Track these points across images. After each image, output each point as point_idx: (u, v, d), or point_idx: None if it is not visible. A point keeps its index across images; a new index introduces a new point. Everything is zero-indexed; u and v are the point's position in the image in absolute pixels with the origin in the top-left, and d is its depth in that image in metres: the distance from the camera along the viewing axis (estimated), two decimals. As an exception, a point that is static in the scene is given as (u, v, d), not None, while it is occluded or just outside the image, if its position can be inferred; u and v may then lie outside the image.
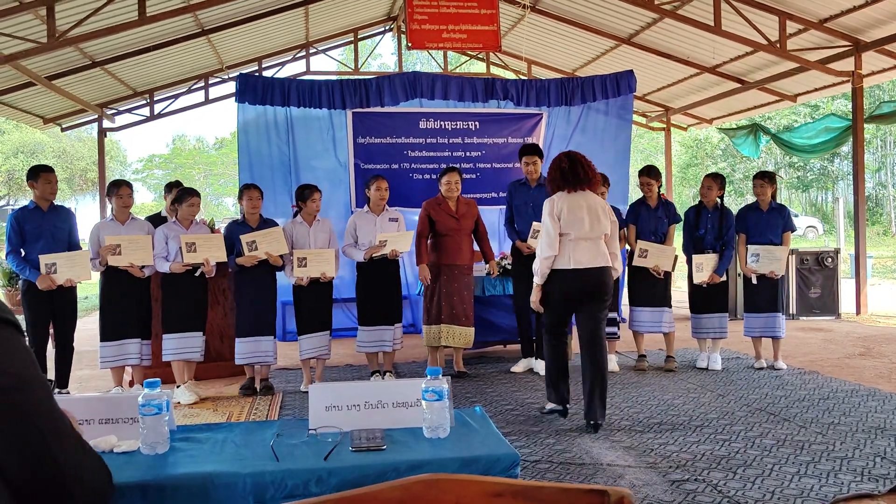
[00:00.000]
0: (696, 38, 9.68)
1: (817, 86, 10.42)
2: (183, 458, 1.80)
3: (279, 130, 8.30)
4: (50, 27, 7.51)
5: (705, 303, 6.22)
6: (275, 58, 12.15)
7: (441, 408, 1.92)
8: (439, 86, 8.23)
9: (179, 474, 1.68)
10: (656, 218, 6.23)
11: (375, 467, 1.72)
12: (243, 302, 5.59)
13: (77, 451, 1.02)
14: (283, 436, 1.94)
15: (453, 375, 6.06)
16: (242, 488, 1.65)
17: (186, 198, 5.56)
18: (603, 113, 8.91)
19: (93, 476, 1.05)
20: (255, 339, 5.54)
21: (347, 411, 2.01)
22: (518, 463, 1.79)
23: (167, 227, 5.53)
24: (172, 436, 1.92)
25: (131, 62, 10.16)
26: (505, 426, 4.58)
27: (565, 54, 11.92)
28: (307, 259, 5.56)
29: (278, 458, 1.77)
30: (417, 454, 1.81)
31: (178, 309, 5.43)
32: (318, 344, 5.69)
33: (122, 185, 5.52)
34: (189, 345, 5.45)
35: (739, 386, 5.55)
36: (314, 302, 5.67)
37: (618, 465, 3.81)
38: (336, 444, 1.84)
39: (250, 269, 5.51)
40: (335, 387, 2.06)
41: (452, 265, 5.95)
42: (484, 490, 0.94)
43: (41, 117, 11.36)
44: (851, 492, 3.32)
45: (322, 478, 1.68)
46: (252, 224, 5.64)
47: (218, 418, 5.10)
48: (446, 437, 1.93)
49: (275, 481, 1.66)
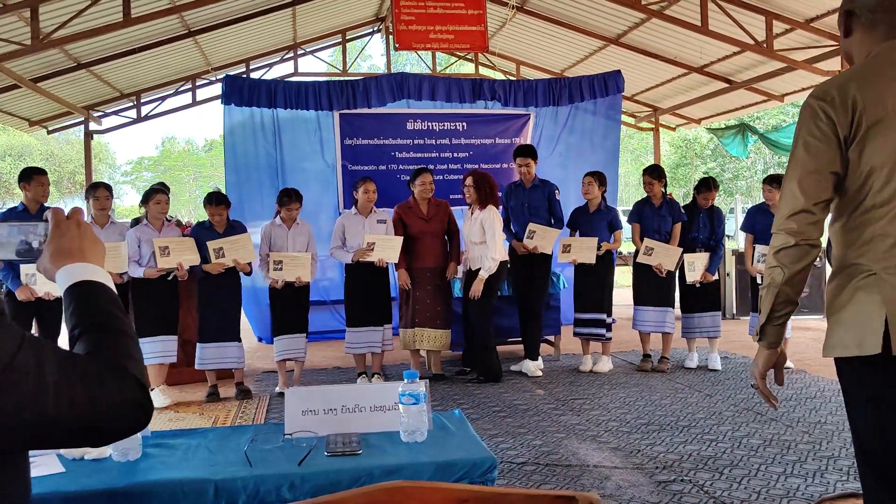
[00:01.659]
0: (683, 38, 9.68)
1: (804, 85, 10.43)
2: (154, 465, 1.76)
3: (266, 132, 8.26)
4: (34, 29, 7.44)
5: (698, 302, 6.22)
6: (262, 59, 12.07)
7: (418, 411, 1.89)
8: (426, 87, 8.21)
9: (149, 481, 1.65)
10: (660, 216, 6.22)
11: (349, 472, 1.69)
12: (208, 307, 5.52)
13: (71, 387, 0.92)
14: (257, 441, 1.91)
15: (430, 378, 6.03)
16: (213, 495, 1.62)
17: (152, 196, 5.48)
18: (591, 113, 8.92)
19: (107, 402, 0.95)
20: (220, 344, 5.51)
21: (324, 415, 1.98)
22: (495, 467, 1.76)
23: (139, 230, 5.44)
24: (146, 442, 1.89)
25: (117, 64, 10.08)
26: (492, 428, 4.56)
27: (554, 55, 11.91)
28: (283, 263, 5.53)
29: (251, 463, 1.74)
30: (393, 459, 1.78)
31: (150, 313, 5.37)
32: (294, 346, 5.66)
33: (99, 188, 5.44)
34: (163, 348, 5.40)
35: (727, 386, 5.55)
36: (289, 304, 5.63)
37: (604, 466, 3.80)
38: (311, 448, 1.82)
39: (216, 275, 5.45)
40: (312, 391, 2.03)
41: (423, 268, 5.90)
42: (449, 497, 0.92)
43: (27, 120, 11.26)
44: (837, 491, 3.32)
45: (295, 483, 1.65)
46: (219, 229, 5.57)
47: (204, 422, 5.06)
48: (423, 441, 1.90)
49: (246, 487, 1.63)
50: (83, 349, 1.00)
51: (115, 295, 1.10)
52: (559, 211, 6.24)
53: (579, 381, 5.90)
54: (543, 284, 6.23)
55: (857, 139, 1.71)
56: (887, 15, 1.77)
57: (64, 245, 1.11)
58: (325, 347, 7.86)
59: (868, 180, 1.72)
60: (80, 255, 1.11)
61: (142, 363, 1.03)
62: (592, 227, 6.24)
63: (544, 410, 4.98)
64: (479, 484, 1.70)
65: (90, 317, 1.04)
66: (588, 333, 6.23)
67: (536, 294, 6.18)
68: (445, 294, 5.99)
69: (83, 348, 1.00)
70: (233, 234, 5.53)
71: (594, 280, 6.18)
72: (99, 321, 1.04)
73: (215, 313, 5.50)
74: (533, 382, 5.89)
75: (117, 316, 1.06)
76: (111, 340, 1.02)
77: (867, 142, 1.69)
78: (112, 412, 0.94)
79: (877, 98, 1.70)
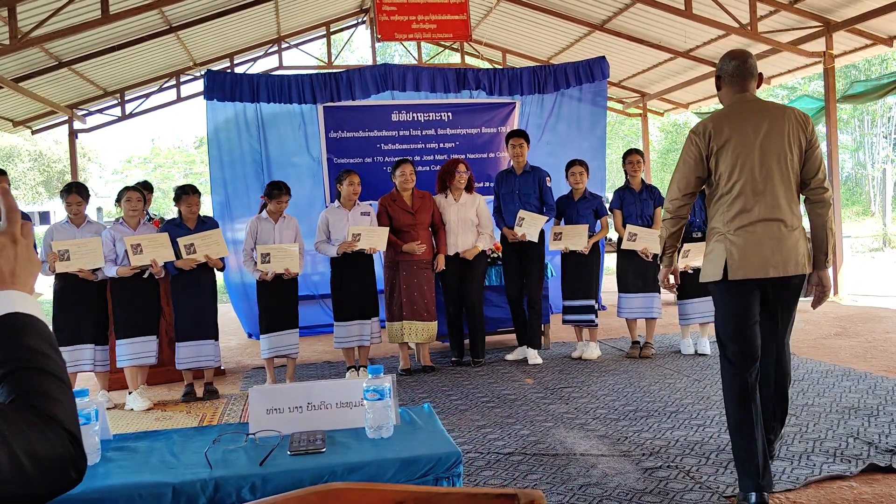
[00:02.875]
0: (668, 22, 9.63)
1: (790, 67, 10.42)
2: (113, 470, 1.72)
3: (250, 127, 8.20)
4: (12, 28, 7.36)
5: (694, 287, 6.18)
6: (246, 53, 11.97)
7: (383, 407, 1.85)
8: (410, 77, 8.15)
9: (105, 486, 1.60)
10: (641, 201, 6.20)
11: (311, 471, 1.65)
12: (182, 306, 5.47)
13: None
14: (220, 441, 1.87)
15: (420, 371, 6.02)
16: (172, 498, 1.58)
17: (124, 194, 5.42)
18: (577, 100, 8.88)
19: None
20: (196, 343, 5.45)
21: (289, 413, 1.94)
22: (460, 461, 1.73)
23: (114, 229, 5.36)
24: (107, 445, 1.85)
25: (99, 61, 9.99)
26: (480, 419, 4.54)
27: (539, 42, 11.85)
28: (270, 254, 5.47)
29: (211, 465, 1.70)
30: (357, 456, 1.75)
31: (129, 314, 5.30)
32: (284, 342, 5.60)
33: (71, 192, 5.32)
34: (142, 350, 5.33)
35: (715, 370, 5.51)
36: (276, 300, 5.57)
37: (591, 454, 3.78)
38: (273, 448, 1.78)
39: (188, 271, 5.39)
40: (276, 389, 1.99)
41: (410, 261, 5.89)
42: (384, 497, 0.88)
43: (10, 120, 11.16)
44: (823, 473, 3.30)
45: (256, 484, 1.62)
46: (190, 225, 5.52)
47: (192, 421, 5.04)
48: (389, 437, 1.86)
49: (206, 490, 1.60)
50: (5, 394, 0.89)
51: (46, 329, 0.99)
52: (550, 198, 6.22)
53: (568, 369, 5.89)
54: (539, 272, 6.22)
55: (712, 155, 3.08)
56: (737, 79, 3.15)
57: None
58: (315, 342, 7.83)
59: (720, 180, 3.08)
60: (10, 280, 0.99)
61: (73, 410, 0.91)
62: (578, 214, 6.22)
63: (533, 400, 4.96)
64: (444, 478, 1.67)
65: (17, 356, 0.92)
66: (578, 321, 6.22)
67: (534, 283, 6.17)
68: (431, 286, 5.97)
69: (5, 393, 0.89)
70: (204, 229, 5.48)
71: (582, 267, 6.16)
72: (24, 361, 0.92)
73: (189, 311, 5.44)
74: (522, 372, 5.87)
75: (46, 354, 0.94)
76: (38, 384, 0.90)
77: (718, 157, 3.06)
78: (37, 471, 0.82)
79: (724, 131, 3.06)
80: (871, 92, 9.71)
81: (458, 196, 6.10)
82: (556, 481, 3.39)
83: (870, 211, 27.05)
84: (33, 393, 0.89)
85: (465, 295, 6.11)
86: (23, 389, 0.89)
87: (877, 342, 6.28)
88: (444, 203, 6.12)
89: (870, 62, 24.99)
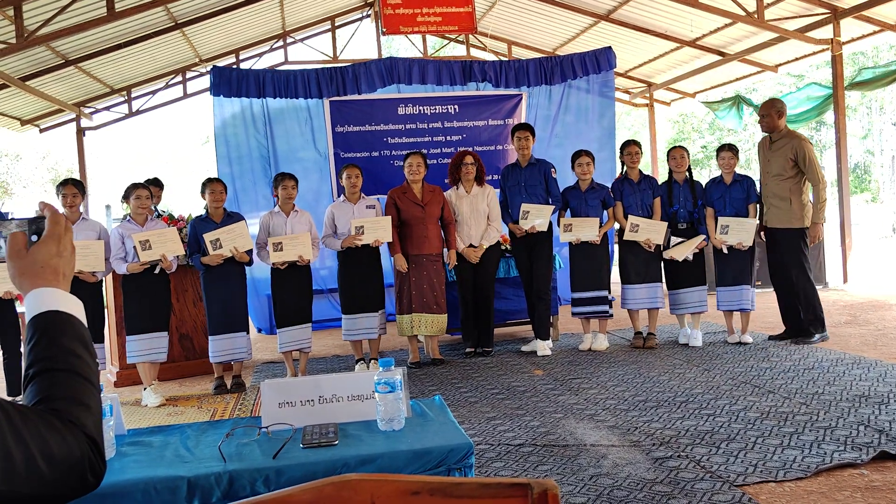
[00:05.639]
0: (674, 11, 9.59)
1: (798, 55, 10.36)
2: (128, 464, 1.74)
3: (256, 122, 8.22)
4: (18, 27, 7.40)
5: (685, 277, 6.17)
6: (252, 49, 12.00)
7: (394, 399, 1.87)
8: (416, 70, 8.15)
9: (121, 481, 1.62)
10: (640, 191, 6.19)
11: (325, 464, 1.67)
12: (213, 300, 5.49)
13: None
14: (233, 435, 1.89)
15: (430, 363, 6.03)
16: (186, 492, 1.60)
17: (133, 191, 5.41)
18: (585, 91, 8.86)
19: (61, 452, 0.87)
20: (229, 336, 5.47)
21: (301, 407, 1.96)
22: (472, 452, 1.74)
23: (122, 227, 5.37)
24: (121, 440, 1.87)
25: (105, 59, 10.03)
26: (490, 410, 4.55)
27: (545, 34, 11.81)
28: (283, 243, 5.50)
29: (225, 458, 1.72)
30: (369, 448, 1.76)
31: (140, 310, 5.32)
32: (298, 336, 5.64)
33: (67, 185, 5.28)
34: (154, 346, 5.35)
35: (725, 360, 5.53)
36: (291, 294, 5.61)
37: (601, 444, 3.78)
38: (286, 441, 1.80)
39: (217, 266, 5.42)
40: (288, 382, 2.01)
41: (420, 254, 5.90)
42: (399, 488, 0.90)
43: (18, 119, 11.22)
44: (834, 461, 3.29)
45: (270, 477, 1.63)
46: (216, 219, 5.53)
47: (203, 416, 5.06)
48: (401, 429, 1.88)
49: (220, 483, 1.62)
50: (34, 394, 0.91)
51: (83, 330, 0.99)
52: (556, 190, 6.22)
53: (578, 360, 5.89)
54: (548, 264, 6.22)
55: None
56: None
57: (40, 260, 1.00)
58: (325, 336, 7.86)
59: None
60: (53, 277, 1.00)
61: (98, 415, 0.92)
62: (587, 205, 6.21)
63: (542, 391, 4.97)
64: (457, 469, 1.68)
65: (51, 355, 0.94)
66: (588, 312, 6.21)
67: (542, 274, 6.18)
68: (441, 279, 5.98)
69: (34, 393, 0.91)
70: (230, 223, 5.51)
71: (591, 258, 6.15)
72: (57, 361, 0.93)
73: (221, 305, 5.48)
74: (532, 363, 5.88)
75: (79, 356, 0.95)
76: (66, 386, 0.91)
77: None
78: (53, 473, 0.83)
79: None
80: (879, 79, 9.63)
81: (469, 188, 6.13)
82: (566, 472, 3.40)
83: (879, 198, 26.90)
84: (60, 396, 0.90)
85: (479, 286, 6.13)
86: (50, 391, 0.90)
87: (887, 330, 6.26)
88: (456, 196, 6.14)
89: (878, 48, 24.78)
